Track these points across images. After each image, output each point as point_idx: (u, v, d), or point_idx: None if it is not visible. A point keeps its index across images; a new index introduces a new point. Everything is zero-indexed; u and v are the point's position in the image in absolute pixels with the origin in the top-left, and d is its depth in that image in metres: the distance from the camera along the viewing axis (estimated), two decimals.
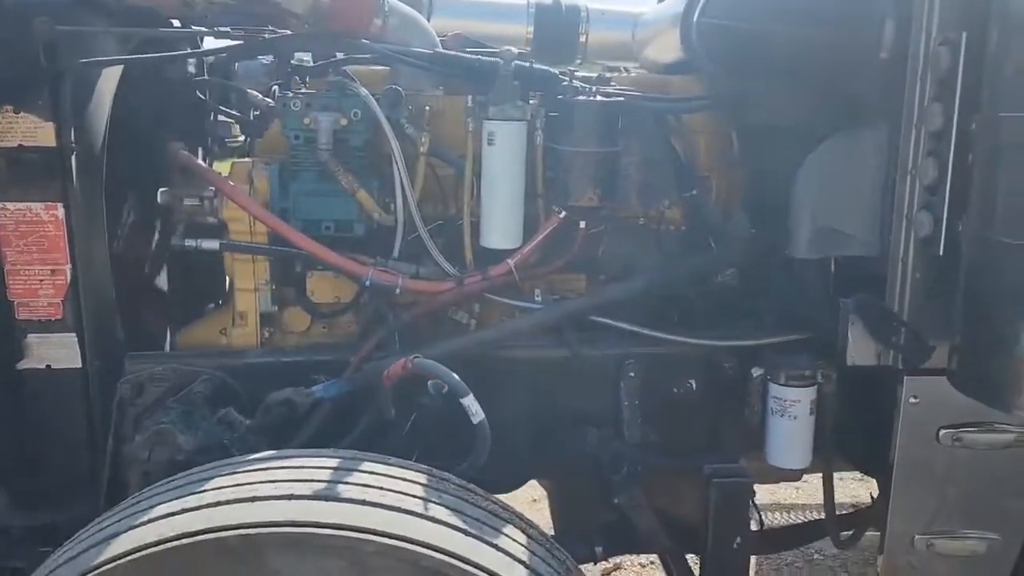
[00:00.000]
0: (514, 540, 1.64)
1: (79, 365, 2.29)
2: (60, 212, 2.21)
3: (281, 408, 2.26)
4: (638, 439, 2.43)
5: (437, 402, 2.33)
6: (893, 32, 1.93)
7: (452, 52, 2.40)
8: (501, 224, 2.39)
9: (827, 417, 2.32)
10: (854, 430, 2.31)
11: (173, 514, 1.52)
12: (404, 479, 1.67)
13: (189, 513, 1.51)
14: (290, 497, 1.53)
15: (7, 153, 2.15)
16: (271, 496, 1.53)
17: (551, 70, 2.39)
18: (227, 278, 2.50)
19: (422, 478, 1.70)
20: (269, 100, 2.59)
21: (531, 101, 2.41)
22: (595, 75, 2.67)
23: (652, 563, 3.78)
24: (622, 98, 2.38)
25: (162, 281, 2.70)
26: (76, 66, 2.14)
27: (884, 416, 2.13)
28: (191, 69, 2.68)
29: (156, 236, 2.68)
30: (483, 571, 1.49)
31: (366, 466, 1.69)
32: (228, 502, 1.52)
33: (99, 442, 2.31)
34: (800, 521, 3.23)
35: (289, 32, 2.37)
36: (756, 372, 2.33)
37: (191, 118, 2.65)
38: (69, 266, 2.24)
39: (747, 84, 2.26)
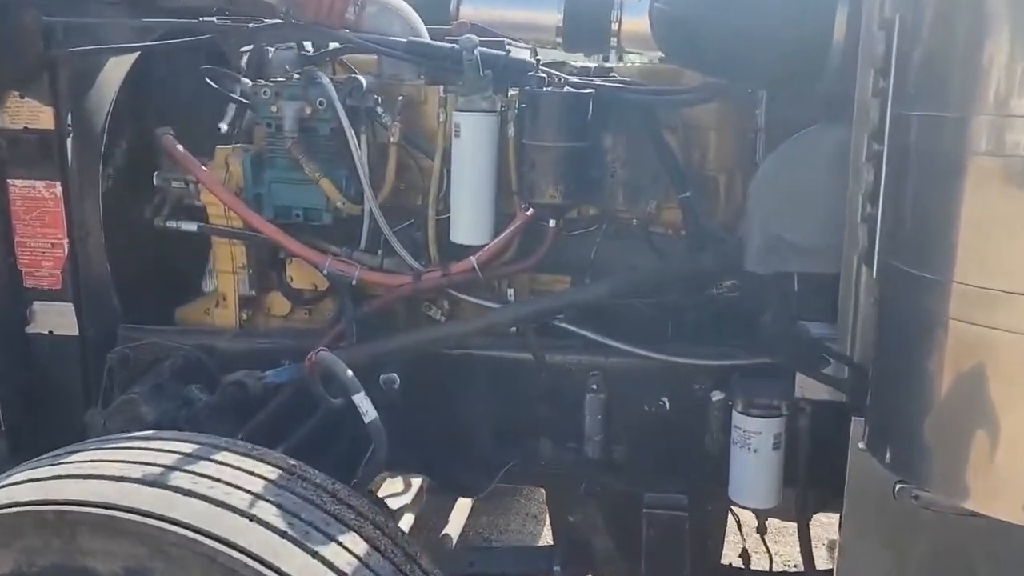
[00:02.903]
0: (345, 549, 1.57)
1: (76, 333, 2.47)
2: (58, 190, 2.39)
3: (233, 389, 2.33)
4: (599, 456, 2.27)
5: (390, 397, 2.31)
6: (847, 14, 1.65)
7: (422, 40, 2.33)
8: (467, 219, 2.31)
9: (801, 455, 2.05)
10: (829, 473, 2.02)
11: (20, 483, 1.60)
12: (251, 472, 1.66)
13: (30, 484, 1.58)
14: (119, 479, 1.56)
15: (13, 134, 2.35)
16: (100, 475, 1.57)
17: (523, 59, 2.27)
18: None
19: (272, 473, 1.67)
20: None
21: (511, 92, 2.31)
22: (594, 65, 2.51)
23: None
24: (593, 89, 2.21)
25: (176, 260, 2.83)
26: (67, 54, 2.29)
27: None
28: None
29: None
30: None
31: (221, 456, 1.69)
32: (64, 477, 1.58)
33: (93, 403, 2.48)
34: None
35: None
36: (716, 396, 2.09)
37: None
38: (66, 240, 2.42)
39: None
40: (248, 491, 1.59)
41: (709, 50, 1.83)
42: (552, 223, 2.28)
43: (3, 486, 1.61)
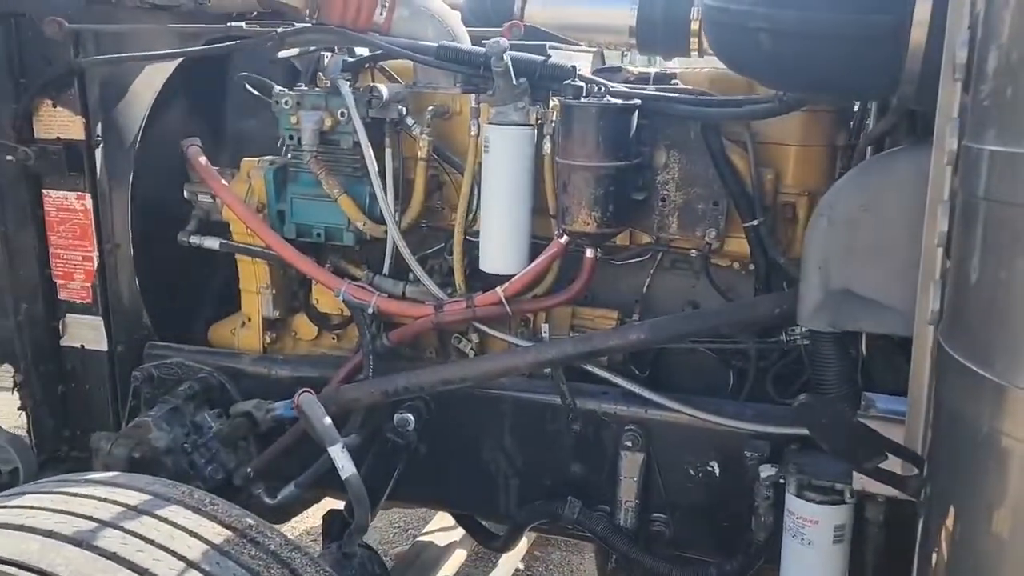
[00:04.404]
0: None
1: (105, 348, 2.39)
2: (88, 201, 2.32)
3: (241, 419, 2.19)
4: (632, 526, 1.96)
5: (407, 438, 2.10)
6: (931, 5, 1.27)
7: (454, 45, 2.08)
8: (497, 245, 2.05)
9: (869, 554, 1.66)
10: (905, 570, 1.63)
11: None
12: (194, 533, 1.47)
13: None
14: (48, 534, 1.41)
15: (47, 145, 2.29)
16: (31, 528, 1.43)
17: (561, 65, 1.98)
18: None
19: (218, 536, 1.48)
20: None
21: (553, 103, 2.04)
22: (654, 71, 2.19)
23: None
24: (639, 100, 1.90)
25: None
26: (95, 62, 2.20)
27: None
28: None
29: None
30: None
31: (167, 511, 1.51)
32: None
33: (122, 420, 2.40)
34: None
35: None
36: (765, 472, 1.73)
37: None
38: (96, 254, 2.35)
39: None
40: (181, 557, 1.41)
41: (761, 50, 1.48)
42: (589, 252, 1.99)
43: None
